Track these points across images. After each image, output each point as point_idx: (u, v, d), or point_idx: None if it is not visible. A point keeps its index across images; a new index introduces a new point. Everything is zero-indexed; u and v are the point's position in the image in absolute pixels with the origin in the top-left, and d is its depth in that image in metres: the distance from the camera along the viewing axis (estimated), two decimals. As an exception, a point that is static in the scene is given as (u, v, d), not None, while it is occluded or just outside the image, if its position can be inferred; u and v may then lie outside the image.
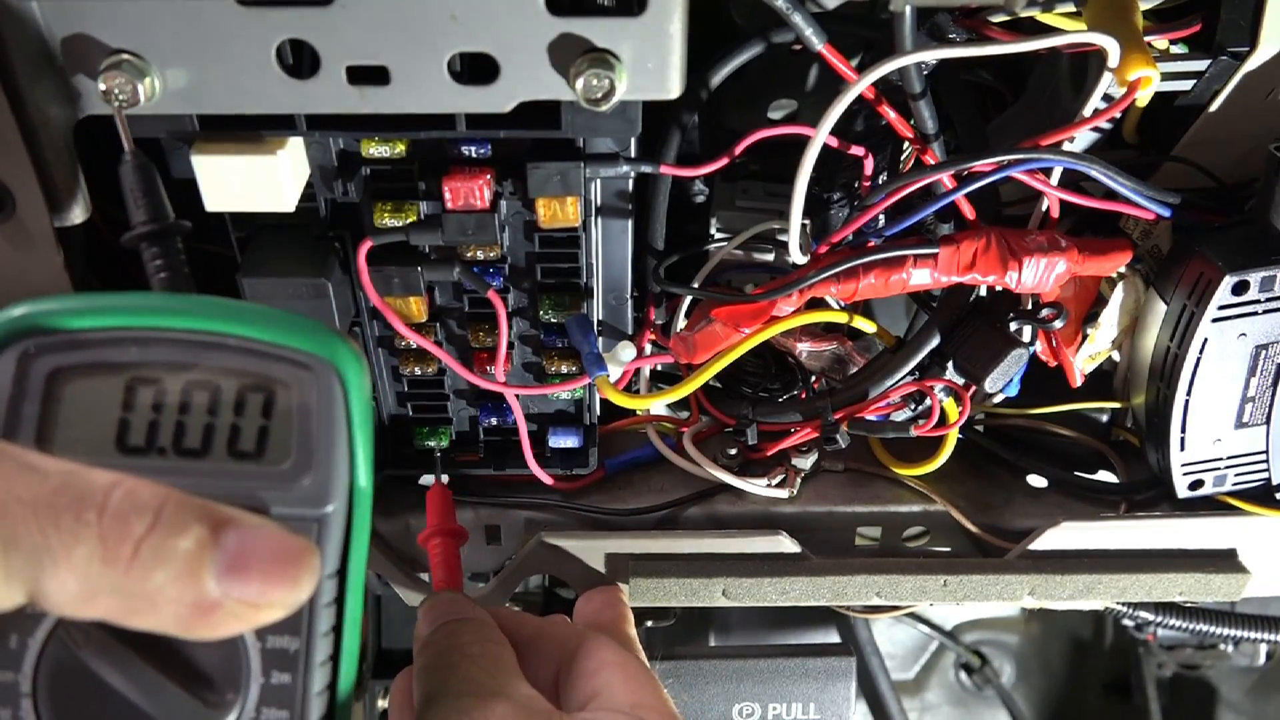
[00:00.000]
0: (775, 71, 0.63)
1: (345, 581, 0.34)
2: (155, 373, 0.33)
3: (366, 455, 0.34)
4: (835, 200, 0.61)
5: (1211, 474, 0.61)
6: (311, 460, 0.33)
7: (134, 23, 0.43)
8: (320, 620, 0.34)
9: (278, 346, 0.33)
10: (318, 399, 0.33)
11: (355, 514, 0.34)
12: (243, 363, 0.33)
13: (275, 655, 0.33)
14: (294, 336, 0.33)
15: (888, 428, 0.61)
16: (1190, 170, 0.57)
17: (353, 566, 0.34)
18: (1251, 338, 0.56)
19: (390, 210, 0.52)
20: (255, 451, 0.33)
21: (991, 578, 0.62)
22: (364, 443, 0.34)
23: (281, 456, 0.33)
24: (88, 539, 0.28)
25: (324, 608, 0.34)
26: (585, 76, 0.43)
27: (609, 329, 0.60)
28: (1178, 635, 1.09)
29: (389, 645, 0.96)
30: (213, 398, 0.33)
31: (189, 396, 0.33)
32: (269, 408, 0.33)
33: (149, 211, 0.40)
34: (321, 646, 0.34)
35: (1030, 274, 0.55)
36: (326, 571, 0.33)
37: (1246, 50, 0.51)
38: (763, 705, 0.66)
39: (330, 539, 0.33)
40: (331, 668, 0.34)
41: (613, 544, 0.62)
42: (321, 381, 0.33)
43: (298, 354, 0.33)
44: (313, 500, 0.33)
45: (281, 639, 0.33)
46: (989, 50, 0.50)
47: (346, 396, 0.33)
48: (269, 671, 0.33)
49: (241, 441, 0.33)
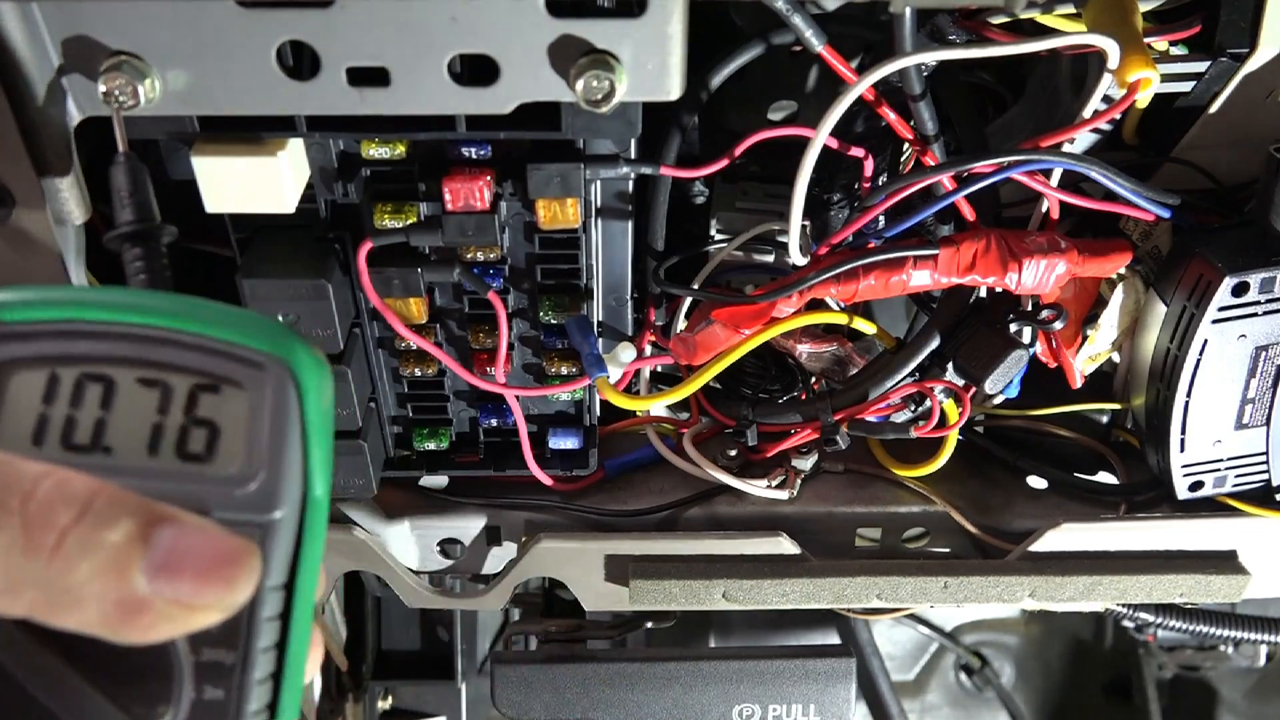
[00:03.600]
0: (775, 73, 0.63)
1: (293, 596, 0.32)
2: (106, 369, 0.31)
3: (323, 464, 0.32)
4: (835, 201, 0.61)
5: (1211, 475, 0.61)
6: (260, 464, 0.31)
7: (134, 24, 0.43)
8: (261, 634, 0.32)
9: (232, 345, 0.31)
10: (270, 400, 0.31)
11: (308, 524, 0.32)
12: (197, 361, 0.31)
13: (210, 668, 0.31)
14: (248, 335, 0.32)
15: (888, 429, 0.61)
16: (1190, 171, 0.57)
17: (302, 580, 0.33)
18: (1251, 339, 0.56)
19: (390, 211, 0.52)
20: (204, 453, 0.31)
21: (991, 579, 0.62)
22: (321, 450, 0.32)
23: (231, 459, 0.31)
24: (10, 527, 0.27)
25: (266, 621, 0.32)
26: (585, 78, 0.43)
27: (609, 330, 0.60)
28: (1178, 636, 1.09)
29: (389, 646, 0.96)
30: (163, 397, 0.31)
31: (139, 394, 0.31)
32: (221, 409, 0.31)
33: (135, 212, 0.40)
34: (261, 662, 0.32)
35: (1030, 275, 0.55)
36: (271, 582, 0.31)
37: (1246, 51, 0.51)
38: (763, 706, 0.66)
39: (277, 548, 0.31)
40: (272, 688, 0.32)
41: (613, 545, 0.62)
42: (275, 382, 0.31)
43: (252, 353, 0.31)
44: (258, 505, 0.31)
45: (217, 651, 0.31)
46: (989, 52, 0.50)
47: (301, 399, 0.31)
48: (202, 685, 0.31)
49: (190, 443, 0.31)
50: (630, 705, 0.66)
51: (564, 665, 0.66)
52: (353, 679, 0.92)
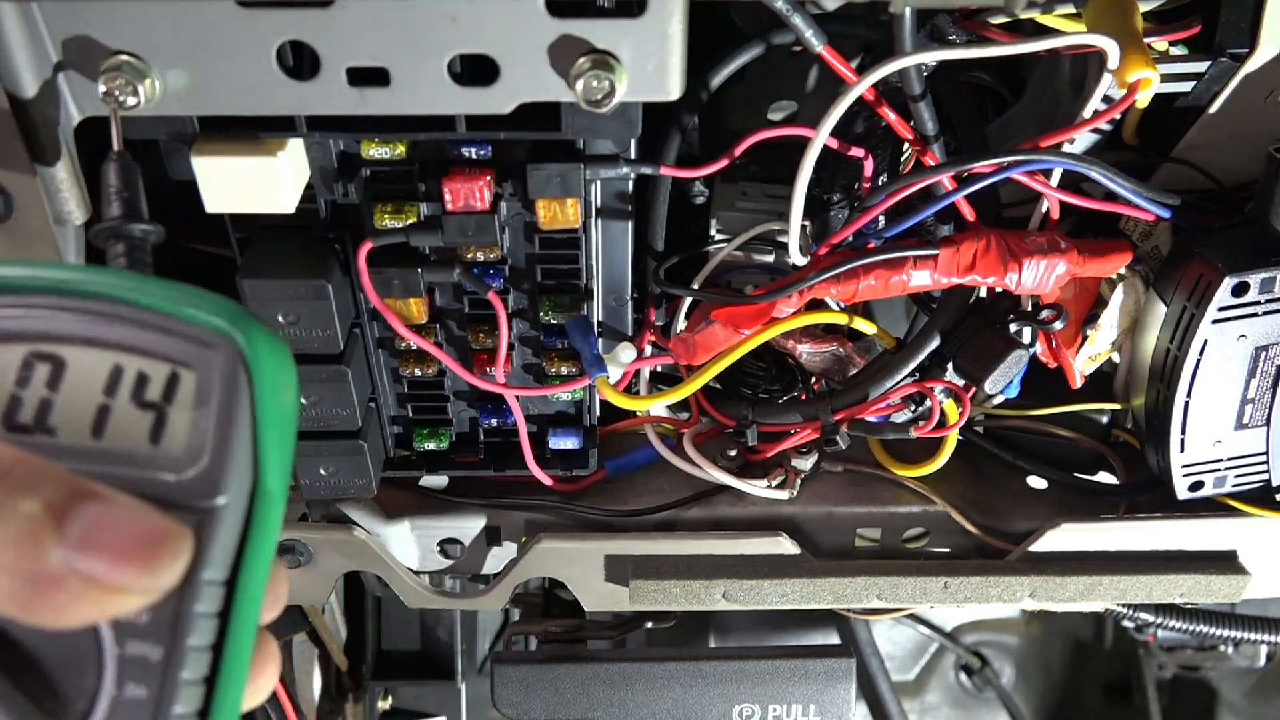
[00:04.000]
0: (775, 73, 0.63)
1: (235, 595, 0.30)
2: (55, 347, 0.30)
3: (279, 454, 0.31)
4: (835, 201, 0.61)
5: (1211, 475, 0.60)
6: (204, 448, 0.29)
7: (134, 24, 0.43)
8: (194, 630, 0.29)
9: (182, 322, 0.30)
10: (219, 381, 0.30)
11: (257, 519, 0.30)
12: (147, 340, 0.30)
13: (134, 664, 0.29)
14: (200, 313, 0.30)
15: (888, 429, 0.61)
16: (1190, 171, 0.57)
17: (247, 579, 0.30)
18: (1251, 339, 0.56)
19: (390, 212, 0.52)
20: (149, 436, 0.30)
21: (992, 579, 0.62)
22: (276, 439, 0.30)
23: (175, 443, 0.30)
24: None
25: (201, 617, 0.29)
26: (585, 78, 0.43)
27: (609, 330, 0.60)
28: (1178, 637, 1.09)
29: (389, 646, 0.96)
30: (112, 378, 0.30)
31: (88, 374, 0.30)
32: (169, 392, 0.30)
33: (121, 208, 0.39)
34: (192, 662, 0.29)
35: (1030, 275, 0.55)
36: (209, 575, 0.29)
37: (1246, 52, 0.51)
38: (763, 706, 0.66)
39: (217, 538, 0.29)
40: (204, 693, 0.30)
41: (613, 545, 0.62)
42: (224, 362, 0.30)
43: (201, 332, 0.30)
44: (199, 491, 0.29)
45: (143, 645, 0.29)
46: (989, 52, 0.50)
47: (253, 382, 0.30)
48: (124, 682, 0.29)
49: (136, 425, 0.30)
50: (630, 705, 0.66)
51: (564, 665, 0.66)
52: (353, 679, 0.92)
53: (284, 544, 0.62)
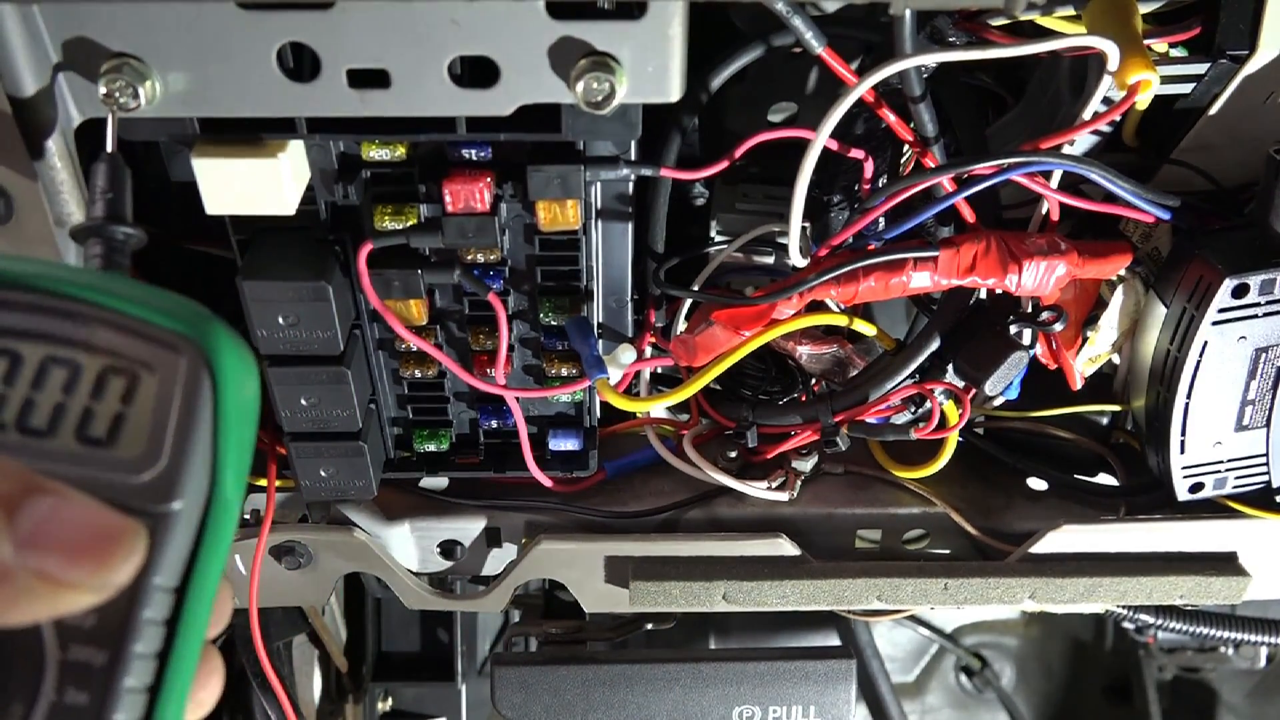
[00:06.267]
0: (775, 74, 0.63)
1: (184, 603, 0.30)
2: (13, 343, 0.29)
3: (238, 461, 0.30)
4: (835, 203, 0.61)
5: (1212, 477, 0.60)
6: (162, 451, 0.29)
7: (134, 26, 0.43)
8: (140, 636, 0.29)
9: (145, 323, 0.29)
10: (180, 383, 0.29)
11: (211, 525, 0.30)
12: (108, 340, 0.29)
13: (75, 669, 0.28)
14: (164, 314, 0.30)
15: (888, 430, 0.61)
16: (1190, 173, 0.57)
17: (197, 587, 0.30)
18: (1251, 340, 0.56)
19: (390, 213, 0.52)
20: (105, 438, 0.29)
21: (992, 581, 0.62)
22: (236, 445, 0.30)
23: (132, 444, 0.29)
24: None
25: (148, 623, 0.29)
26: (585, 80, 0.43)
27: (609, 332, 0.60)
28: (1178, 638, 1.09)
29: (389, 648, 0.96)
30: (70, 376, 0.29)
31: (46, 373, 0.29)
32: (129, 394, 0.29)
33: (106, 209, 0.38)
34: (137, 670, 0.29)
35: (1030, 277, 0.55)
36: (160, 580, 0.29)
37: (1246, 53, 0.51)
38: (763, 708, 0.66)
39: (170, 543, 0.29)
40: (146, 702, 0.29)
41: (613, 547, 0.62)
42: (187, 364, 0.29)
43: (165, 333, 0.29)
44: (154, 495, 0.29)
45: (86, 649, 0.28)
46: (989, 53, 0.50)
47: (215, 385, 0.29)
48: (64, 687, 0.28)
49: (92, 426, 0.29)
50: (630, 707, 0.66)
51: (564, 667, 0.66)
52: (352, 680, 0.92)
53: (284, 545, 0.62)
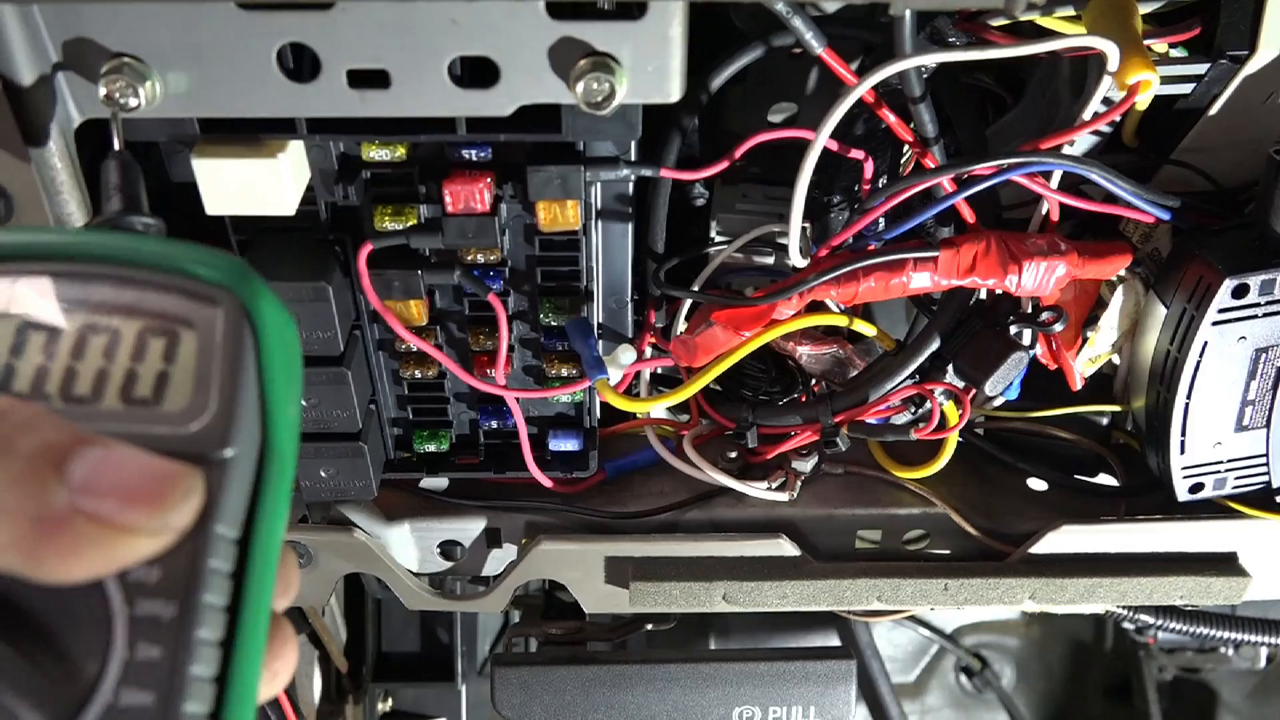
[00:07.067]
0: (775, 75, 0.63)
1: (249, 556, 0.29)
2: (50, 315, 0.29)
3: (285, 408, 0.30)
4: (835, 203, 0.61)
5: (1211, 477, 0.60)
6: (208, 399, 0.29)
7: (134, 26, 0.43)
8: (208, 587, 0.28)
9: (181, 279, 0.29)
10: (222, 333, 0.29)
11: (268, 475, 0.29)
12: (145, 300, 0.29)
13: (145, 623, 0.27)
14: (199, 267, 0.29)
15: (888, 431, 0.61)
16: (1190, 173, 0.57)
17: (261, 538, 0.29)
18: (1251, 341, 0.56)
19: (391, 214, 0.52)
20: (151, 397, 0.29)
21: (992, 581, 0.62)
22: (283, 394, 0.30)
23: (179, 399, 0.29)
24: None
25: (214, 574, 0.28)
26: (586, 80, 0.43)
27: (609, 332, 0.60)
28: (1178, 638, 1.09)
29: (389, 648, 0.96)
30: (110, 342, 0.29)
31: (85, 342, 0.29)
32: (171, 353, 0.29)
33: (123, 203, 0.38)
34: (208, 621, 0.28)
35: (1030, 277, 0.55)
36: (222, 530, 0.28)
37: (1246, 54, 0.51)
38: (763, 708, 0.66)
39: (227, 490, 0.28)
40: (221, 656, 0.28)
41: (613, 547, 0.62)
42: (227, 315, 0.29)
43: (202, 286, 0.29)
44: (206, 442, 0.28)
45: (154, 602, 0.27)
46: (989, 54, 0.50)
47: (257, 334, 0.29)
48: (135, 643, 0.27)
49: (137, 387, 0.29)
50: (630, 707, 0.66)
51: (564, 667, 0.66)
52: (353, 681, 0.92)
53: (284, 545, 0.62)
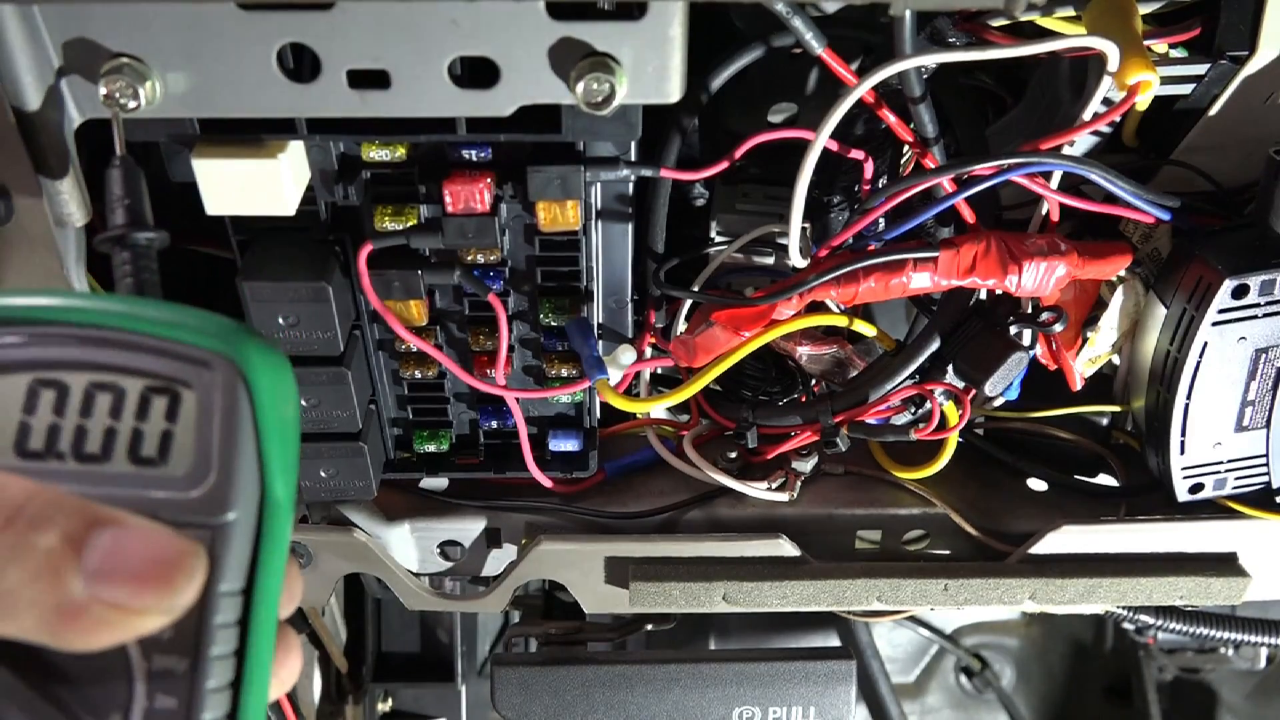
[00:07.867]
0: (775, 75, 0.63)
1: (253, 601, 0.32)
2: (58, 373, 0.31)
3: (284, 464, 0.32)
4: (835, 204, 0.61)
5: (1211, 477, 0.60)
6: (211, 465, 0.31)
7: (135, 26, 0.43)
8: (215, 640, 0.31)
9: (178, 344, 0.31)
10: (219, 400, 0.31)
11: (267, 527, 0.31)
12: (146, 362, 0.31)
13: (162, 676, 0.30)
14: (194, 333, 0.31)
15: (888, 431, 0.61)
16: (1190, 174, 0.57)
17: (263, 586, 0.32)
18: (1251, 341, 0.56)
19: (391, 214, 0.52)
20: (157, 457, 0.31)
21: (992, 581, 0.62)
22: (280, 450, 0.31)
23: (182, 461, 0.31)
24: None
25: (220, 627, 0.31)
26: (586, 80, 0.43)
27: (609, 332, 0.60)
28: (1178, 639, 1.09)
29: (389, 648, 0.96)
30: (116, 400, 0.31)
31: (92, 399, 0.31)
32: (173, 411, 0.31)
33: (126, 216, 0.39)
34: (217, 670, 0.31)
35: (1030, 277, 0.55)
36: (226, 587, 0.31)
37: (1246, 54, 0.51)
38: (763, 709, 0.66)
39: (230, 551, 0.31)
40: (230, 697, 0.31)
41: (613, 547, 0.62)
42: (223, 381, 0.31)
43: (198, 351, 0.31)
44: (209, 508, 0.31)
45: (168, 658, 0.30)
46: (989, 54, 0.50)
47: (253, 398, 0.31)
48: (154, 694, 0.30)
49: (143, 446, 0.31)
50: (630, 707, 0.66)
51: (564, 667, 0.66)
52: (352, 681, 0.92)
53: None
